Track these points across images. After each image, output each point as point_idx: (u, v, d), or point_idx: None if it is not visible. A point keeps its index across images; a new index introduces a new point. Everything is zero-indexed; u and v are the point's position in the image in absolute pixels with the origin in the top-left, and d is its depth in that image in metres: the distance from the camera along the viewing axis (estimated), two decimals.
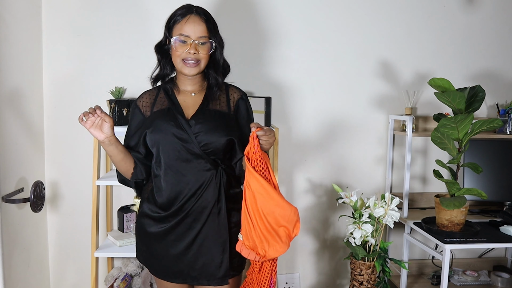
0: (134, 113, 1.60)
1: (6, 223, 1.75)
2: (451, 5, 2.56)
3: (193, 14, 1.48)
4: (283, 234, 1.44)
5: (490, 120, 1.96)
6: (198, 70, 1.51)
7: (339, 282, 2.64)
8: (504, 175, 2.49)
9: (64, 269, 2.43)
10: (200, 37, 1.47)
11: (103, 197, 2.37)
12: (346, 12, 2.48)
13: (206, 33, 1.48)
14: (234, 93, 1.61)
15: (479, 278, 2.49)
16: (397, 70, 2.56)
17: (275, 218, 1.42)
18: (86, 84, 2.35)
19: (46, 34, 2.29)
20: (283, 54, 2.45)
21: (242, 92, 1.63)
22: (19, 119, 2.01)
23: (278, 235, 1.43)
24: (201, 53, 1.48)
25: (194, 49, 1.47)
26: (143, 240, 1.59)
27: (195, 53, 1.47)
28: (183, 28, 1.47)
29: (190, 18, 1.47)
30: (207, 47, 1.49)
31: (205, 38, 1.48)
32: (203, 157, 1.49)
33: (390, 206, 2.06)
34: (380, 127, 2.58)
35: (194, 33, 1.46)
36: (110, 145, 1.47)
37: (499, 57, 2.64)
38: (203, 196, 1.49)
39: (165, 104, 1.55)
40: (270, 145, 1.42)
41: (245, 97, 1.63)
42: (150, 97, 1.60)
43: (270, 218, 1.41)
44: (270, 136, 1.40)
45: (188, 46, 1.47)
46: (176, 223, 1.51)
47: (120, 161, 1.53)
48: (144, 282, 2.26)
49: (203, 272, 1.53)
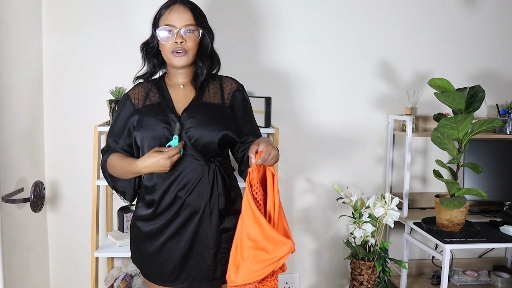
0: (125, 105, 1.55)
1: (6, 223, 1.75)
2: (451, 5, 2.56)
3: (177, 4, 1.45)
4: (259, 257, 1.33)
5: (490, 120, 1.96)
6: (187, 60, 1.46)
7: (339, 282, 2.64)
8: (504, 175, 2.49)
9: (64, 269, 2.43)
10: (186, 25, 1.42)
11: (103, 197, 2.37)
12: (346, 12, 2.47)
13: (192, 20, 1.43)
14: (229, 84, 1.55)
15: (479, 278, 2.49)
16: (397, 70, 2.56)
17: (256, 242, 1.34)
18: (86, 84, 2.35)
19: (46, 34, 2.30)
20: (283, 54, 2.45)
21: (238, 83, 1.57)
22: (19, 119, 2.01)
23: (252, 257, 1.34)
24: (188, 42, 1.43)
25: (181, 38, 1.42)
26: (133, 240, 1.57)
27: (182, 41, 1.42)
28: (168, 18, 1.43)
29: (174, 7, 1.44)
30: (195, 35, 1.44)
31: (192, 26, 1.43)
32: (192, 153, 1.43)
33: (390, 206, 2.06)
34: (380, 127, 2.58)
35: (179, 22, 1.42)
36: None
37: (499, 57, 2.64)
38: (193, 194, 1.44)
39: (155, 98, 1.51)
40: (275, 160, 1.36)
41: (241, 88, 1.57)
42: (143, 90, 1.55)
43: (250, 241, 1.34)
44: (272, 156, 1.33)
45: (174, 35, 1.42)
46: (167, 222, 1.46)
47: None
48: (144, 282, 2.26)
49: (194, 275, 1.48)
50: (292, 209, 2.55)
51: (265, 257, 1.30)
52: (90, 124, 2.30)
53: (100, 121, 2.31)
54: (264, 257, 1.31)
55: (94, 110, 2.35)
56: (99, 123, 2.27)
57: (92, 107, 2.35)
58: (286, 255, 1.29)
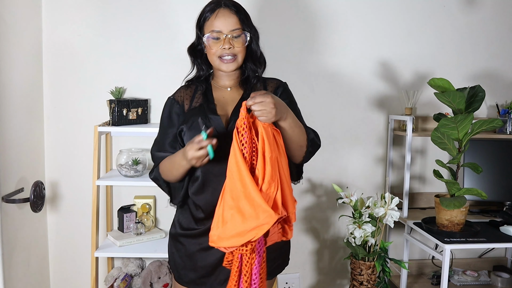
0: (173, 107, 1.48)
1: (6, 223, 1.75)
2: (451, 5, 2.56)
3: (222, 8, 1.40)
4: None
5: (490, 120, 1.96)
6: (236, 65, 1.43)
7: (339, 282, 2.64)
8: (504, 175, 2.49)
9: (64, 269, 2.43)
10: (232, 30, 1.39)
11: (103, 197, 2.37)
12: (346, 12, 2.47)
13: (238, 25, 1.40)
14: (272, 84, 1.52)
15: (479, 278, 2.49)
16: (397, 70, 2.56)
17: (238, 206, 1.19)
18: (86, 84, 2.35)
19: (46, 34, 2.30)
20: (283, 55, 2.45)
21: (280, 81, 1.54)
22: (19, 119, 2.01)
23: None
24: (236, 47, 1.40)
25: (229, 43, 1.39)
26: (176, 240, 1.51)
27: (230, 47, 1.39)
28: (213, 24, 1.40)
29: (220, 12, 1.40)
30: (242, 39, 1.42)
31: (238, 30, 1.40)
32: None
33: (390, 206, 2.06)
34: (380, 127, 2.58)
35: (226, 27, 1.39)
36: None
37: (499, 57, 2.64)
38: None
39: (199, 101, 1.47)
40: (270, 115, 1.22)
41: (284, 84, 1.53)
42: (190, 91, 1.50)
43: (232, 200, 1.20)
44: (264, 104, 1.21)
45: (222, 41, 1.39)
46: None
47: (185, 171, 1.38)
48: (144, 282, 2.26)
49: (224, 279, 1.41)
50: None
51: (242, 223, 1.18)
52: (90, 124, 2.30)
53: (100, 121, 2.31)
54: (240, 222, 1.18)
55: (94, 110, 2.35)
56: (99, 123, 2.27)
57: (92, 107, 2.36)
58: (265, 225, 1.15)
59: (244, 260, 1.24)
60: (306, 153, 1.42)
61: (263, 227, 1.15)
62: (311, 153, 1.44)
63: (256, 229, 1.16)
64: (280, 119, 1.28)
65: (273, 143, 1.22)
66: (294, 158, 1.42)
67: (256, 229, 1.15)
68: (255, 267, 1.24)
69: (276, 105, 1.23)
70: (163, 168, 1.45)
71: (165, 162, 1.44)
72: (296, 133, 1.35)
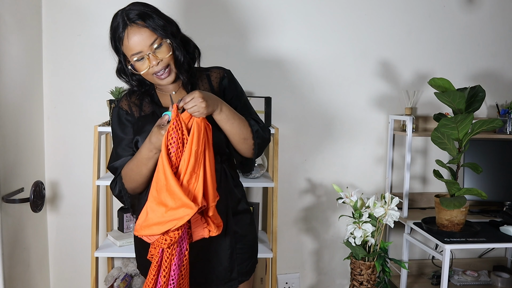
0: (121, 116, 1.43)
1: (6, 223, 1.75)
2: (451, 5, 2.56)
3: (129, 26, 1.30)
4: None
5: (490, 120, 1.96)
6: (174, 75, 1.36)
7: (339, 282, 2.64)
8: (504, 175, 2.49)
9: (64, 269, 2.43)
10: (150, 45, 1.30)
11: (103, 197, 2.37)
12: (346, 12, 2.47)
13: (153, 35, 1.29)
14: (215, 74, 1.47)
15: (479, 278, 2.49)
16: (397, 70, 2.56)
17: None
18: (86, 84, 2.35)
19: (46, 34, 2.30)
20: (283, 55, 2.45)
21: (224, 69, 1.48)
22: (19, 119, 2.01)
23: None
24: (164, 58, 1.31)
25: (155, 59, 1.30)
26: (141, 246, 1.50)
27: (159, 61, 1.31)
28: (129, 47, 1.30)
29: (129, 32, 1.29)
30: (165, 47, 1.32)
31: (157, 41, 1.30)
32: None
33: (390, 206, 2.06)
34: (380, 127, 2.58)
35: (143, 46, 1.29)
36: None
37: (499, 57, 2.64)
38: None
39: (148, 109, 1.43)
40: (201, 108, 1.23)
41: (228, 73, 1.48)
42: (135, 99, 1.45)
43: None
44: (194, 100, 1.23)
45: (147, 60, 1.31)
46: None
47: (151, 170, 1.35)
48: None
49: (212, 277, 1.45)
50: (292, 209, 2.55)
51: (163, 214, 1.22)
52: (90, 124, 2.30)
53: (100, 121, 2.31)
54: (162, 212, 1.22)
55: (94, 110, 2.35)
56: (99, 123, 2.27)
57: (92, 107, 2.35)
58: (185, 216, 1.20)
59: (164, 255, 1.28)
60: (254, 145, 1.40)
61: (183, 218, 1.21)
62: (260, 145, 1.42)
63: (176, 220, 1.21)
64: (214, 111, 1.30)
65: (202, 138, 1.27)
66: (243, 151, 1.42)
67: (176, 220, 1.21)
68: (174, 263, 1.28)
69: (206, 98, 1.25)
70: (127, 172, 1.39)
71: (129, 165, 1.38)
72: (236, 125, 1.35)
